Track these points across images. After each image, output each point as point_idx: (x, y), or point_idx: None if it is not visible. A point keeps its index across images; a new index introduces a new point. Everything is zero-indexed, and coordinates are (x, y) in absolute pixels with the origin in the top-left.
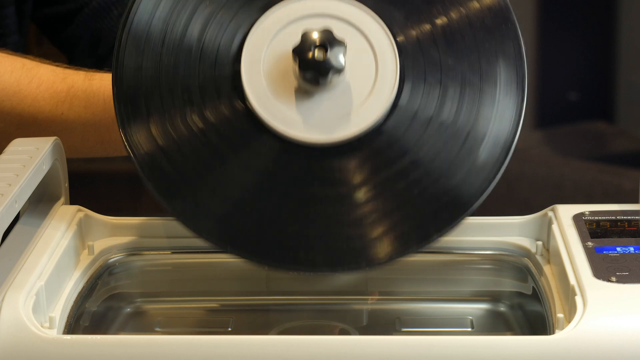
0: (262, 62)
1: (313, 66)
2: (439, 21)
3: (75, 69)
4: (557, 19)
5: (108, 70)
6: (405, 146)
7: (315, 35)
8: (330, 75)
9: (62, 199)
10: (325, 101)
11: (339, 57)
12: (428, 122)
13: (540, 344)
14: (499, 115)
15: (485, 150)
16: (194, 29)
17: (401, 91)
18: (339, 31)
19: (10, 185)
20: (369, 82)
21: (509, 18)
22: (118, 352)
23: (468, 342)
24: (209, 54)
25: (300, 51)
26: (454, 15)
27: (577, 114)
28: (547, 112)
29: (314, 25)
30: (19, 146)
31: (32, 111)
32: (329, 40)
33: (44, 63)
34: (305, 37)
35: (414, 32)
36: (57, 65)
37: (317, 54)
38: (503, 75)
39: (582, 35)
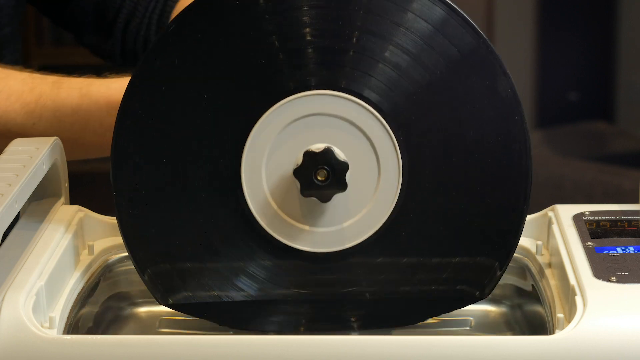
0: (263, 176)
1: (315, 191)
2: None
3: (44, 77)
4: (557, 19)
5: (75, 76)
6: (408, 244)
7: (317, 157)
8: (332, 196)
9: (62, 199)
10: (328, 210)
11: (341, 180)
12: (431, 224)
13: (540, 344)
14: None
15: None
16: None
17: (404, 192)
18: (338, 131)
19: (10, 185)
20: (371, 185)
21: (517, 109)
22: (118, 352)
23: (468, 342)
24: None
25: (302, 175)
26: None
27: (577, 114)
28: (547, 112)
29: (312, 126)
30: (19, 146)
31: (4, 123)
32: (332, 163)
33: (14, 71)
34: (306, 158)
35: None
36: (29, 72)
37: (319, 178)
38: (505, 183)
39: (582, 35)
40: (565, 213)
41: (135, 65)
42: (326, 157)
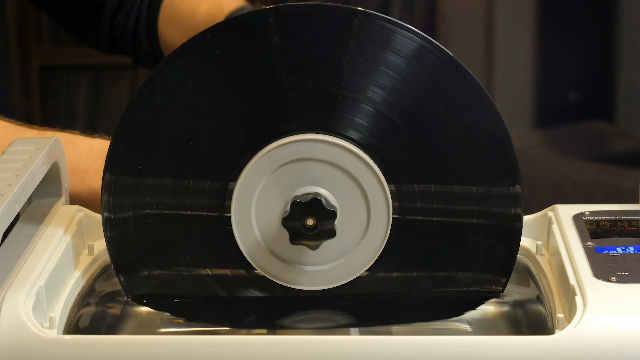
0: (254, 219)
1: (304, 240)
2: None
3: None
4: (557, 19)
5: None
6: (400, 279)
7: (304, 207)
8: (321, 243)
9: (62, 199)
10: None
11: (330, 227)
12: (421, 259)
13: (540, 344)
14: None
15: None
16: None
17: (394, 230)
18: (327, 176)
19: (10, 185)
20: (362, 224)
21: (507, 146)
22: (118, 352)
23: (468, 342)
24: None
25: (290, 224)
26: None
27: (577, 114)
28: (547, 112)
29: (301, 172)
30: (19, 146)
31: None
32: (319, 213)
33: None
34: (294, 208)
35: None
36: (6, 120)
37: (307, 227)
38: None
39: (582, 35)
40: (565, 213)
41: (122, 53)
42: (314, 206)
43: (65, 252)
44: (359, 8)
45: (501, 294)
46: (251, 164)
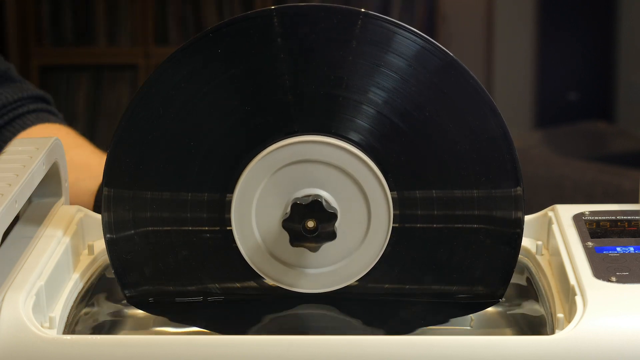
0: (253, 219)
1: (304, 242)
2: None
3: None
4: (557, 19)
5: None
6: (402, 280)
7: (305, 209)
8: (321, 245)
9: (62, 199)
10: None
11: (330, 229)
12: (420, 266)
13: (540, 344)
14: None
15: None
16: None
17: (395, 232)
18: (327, 178)
19: (10, 185)
20: (362, 226)
21: (508, 148)
22: (118, 352)
23: (468, 342)
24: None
25: (290, 226)
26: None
27: (577, 114)
28: (547, 112)
29: (301, 174)
30: (19, 146)
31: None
32: (320, 215)
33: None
34: (294, 210)
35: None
36: None
37: (308, 229)
38: (498, 222)
39: (582, 35)
40: (565, 213)
41: None
42: (314, 208)
43: (65, 252)
44: (362, 9)
45: (501, 300)
46: (252, 165)
